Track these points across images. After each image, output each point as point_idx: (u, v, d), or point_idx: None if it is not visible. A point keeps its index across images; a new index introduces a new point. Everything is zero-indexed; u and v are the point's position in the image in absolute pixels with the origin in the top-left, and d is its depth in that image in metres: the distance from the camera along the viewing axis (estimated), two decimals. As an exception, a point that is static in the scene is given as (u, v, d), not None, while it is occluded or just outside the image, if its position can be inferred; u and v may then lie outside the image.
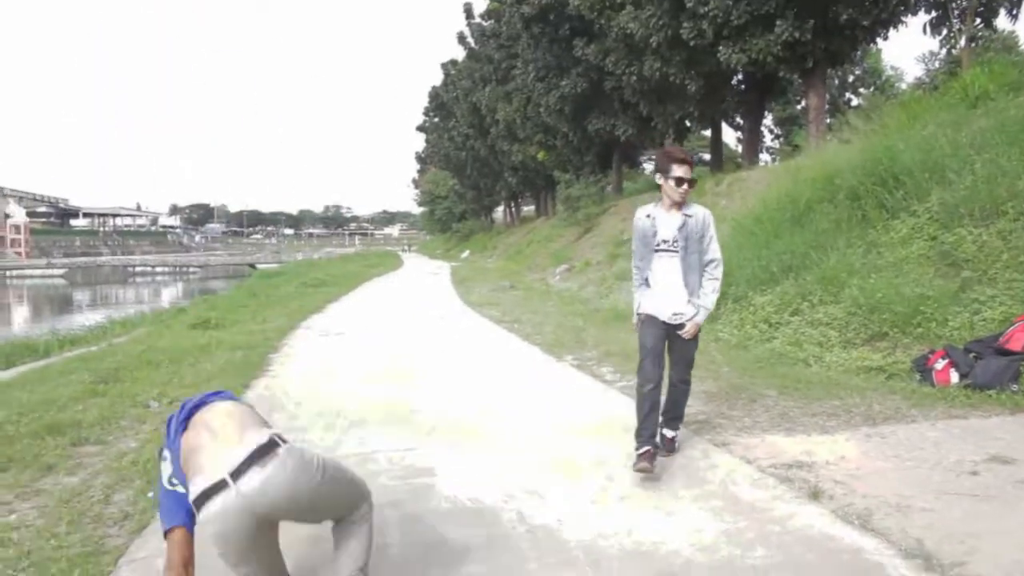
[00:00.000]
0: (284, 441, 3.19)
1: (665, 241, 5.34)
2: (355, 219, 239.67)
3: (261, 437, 3.15)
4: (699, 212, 5.40)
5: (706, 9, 19.21)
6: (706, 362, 8.83)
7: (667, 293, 5.37)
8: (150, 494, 4.21)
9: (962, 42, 16.25)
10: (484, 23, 46.10)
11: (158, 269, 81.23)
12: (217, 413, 3.33)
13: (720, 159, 27.87)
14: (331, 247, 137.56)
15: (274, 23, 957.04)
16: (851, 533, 4.18)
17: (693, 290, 5.37)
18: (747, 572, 3.78)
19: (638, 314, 5.51)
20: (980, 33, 16.78)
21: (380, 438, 6.30)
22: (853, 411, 6.59)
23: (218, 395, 3.53)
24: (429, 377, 8.99)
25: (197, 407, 3.40)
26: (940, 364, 7.15)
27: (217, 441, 3.16)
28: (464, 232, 69.05)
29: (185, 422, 3.34)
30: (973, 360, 7.01)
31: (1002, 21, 18.78)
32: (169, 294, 50.93)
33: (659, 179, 5.35)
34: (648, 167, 50.31)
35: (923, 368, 7.30)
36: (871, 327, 8.52)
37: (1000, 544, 3.92)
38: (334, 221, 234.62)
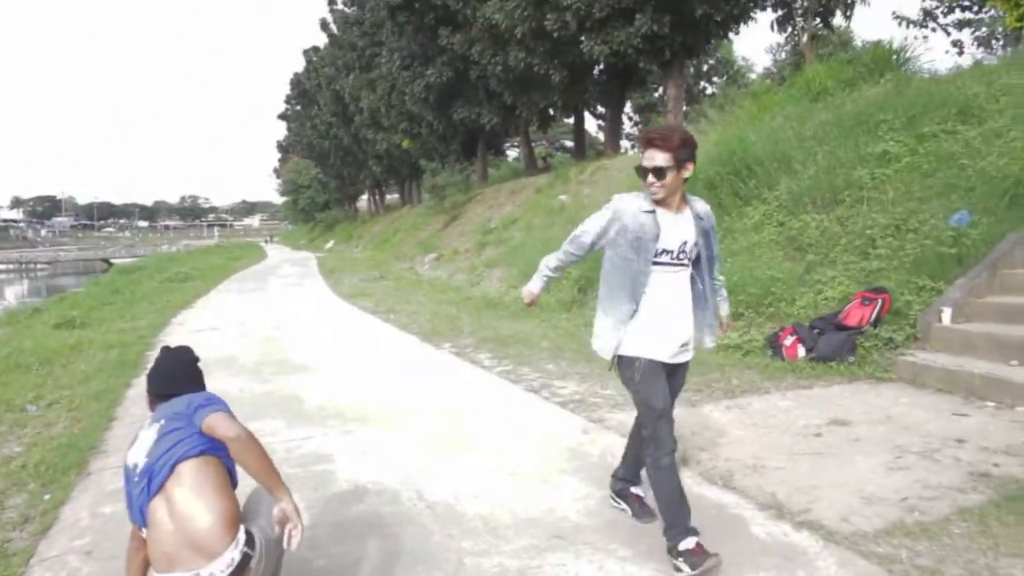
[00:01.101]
0: (253, 542, 2.96)
1: (668, 252, 3.73)
2: (213, 210, 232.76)
3: (234, 551, 2.85)
4: (703, 207, 3.95)
5: (569, 2, 19.84)
6: (576, 345, 9.34)
7: (672, 323, 3.84)
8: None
9: (804, 39, 17.40)
10: (347, 10, 45.70)
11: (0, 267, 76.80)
12: (182, 493, 2.88)
13: (583, 147, 28.68)
14: (189, 239, 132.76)
15: (128, 3, 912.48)
16: (716, 491, 4.69)
17: (708, 313, 4.06)
18: (629, 530, 4.22)
19: (624, 357, 3.85)
20: (819, 31, 17.99)
21: (274, 429, 6.45)
22: (714, 386, 7.19)
23: (208, 405, 3.11)
24: (312, 368, 9.12)
25: (180, 460, 2.93)
26: (789, 340, 7.85)
27: (184, 544, 2.82)
28: (328, 222, 68.21)
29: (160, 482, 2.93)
30: (817, 336, 7.74)
31: (842, 19, 20.17)
32: (15, 293, 48.25)
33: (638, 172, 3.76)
34: (512, 154, 51.04)
35: (775, 344, 7.99)
36: (730, 308, 9.18)
37: (837, 492, 4.54)
38: (191, 212, 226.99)
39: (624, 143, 44.67)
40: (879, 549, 3.81)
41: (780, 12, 17.78)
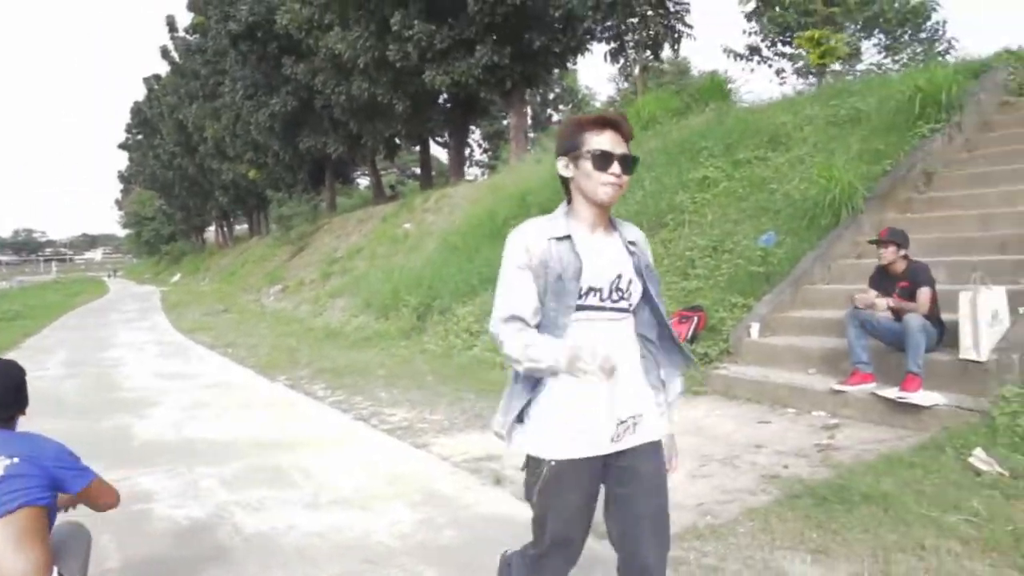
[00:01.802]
0: None
1: (597, 291, 2.49)
2: (51, 244, 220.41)
3: None
4: (636, 232, 2.69)
5: (411, 33, 20.10)
6: (411, 373, 9.41)
7: (607, 392, 2.47)
8: None
9: (636, 70, 18.19)
10: (189, 37, 44.49)
11: None
12: (4, 541, 2.77)
13: (430, 176, 28.90)
14: (24, 276, 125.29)
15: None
16: (526, 509, 4.81)
17: (652, 374, 2.66)
18: (438, 551, 4.30)
19: (535, 459, 2.56)
20: (650, 63, 18.83)
21: (98, 471, 6.21)
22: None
23: (85, 474, 3.17)
24: (143, 407, 8.82)
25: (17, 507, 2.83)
26: (612, 360, 8.15)
27: None
28: (175, 254, 65.92)
29: None
30: (639, 354, 8.07)
31: (670, 51, 21.15)
32: None
33: (564, 167, 2.53)
34: (363, 183, 50.65)
35: (600, 364, 8.28)
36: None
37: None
38: (26, 247, 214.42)
39: (475, 170, 45.29)
40: (671, 553, 4.03)
41: (613, 44, 18.50)
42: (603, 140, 2.46)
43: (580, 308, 2.47)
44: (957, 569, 3.69)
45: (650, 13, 17.15)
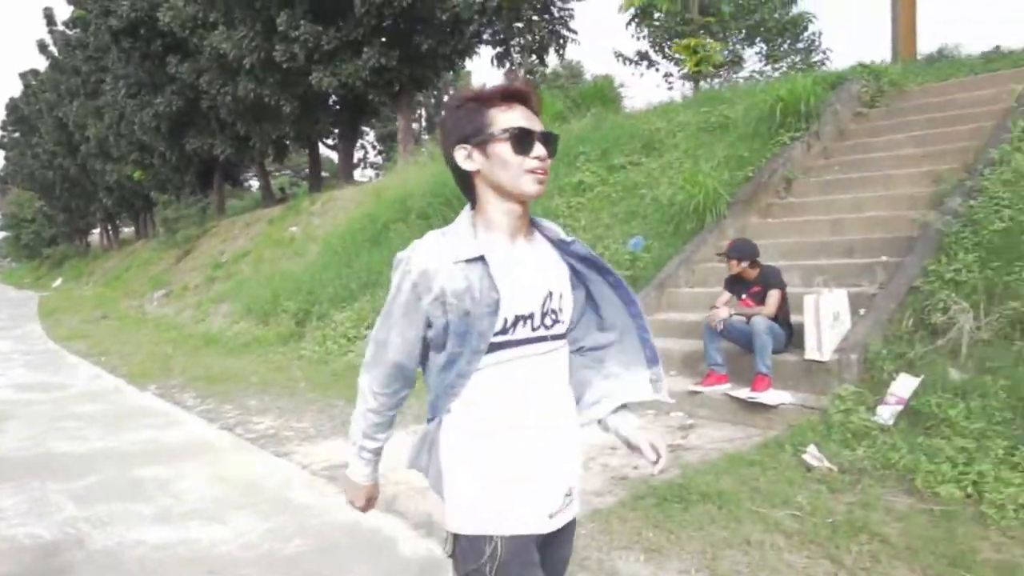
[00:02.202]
0: None
1: (527, 318, 1.95)
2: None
3: None
4: (557, 228, 2.10)
5: (297, 33, 19.82)
6: (284, 380, 9.31)
7: (552, 450, 2.01)
8: None
9: (521, 74, 18.36)
10: (69, 31, 42.74)
11: None
12: None
13: (319, 178, 28.55)
14: None
15: None
16: (376, 516, 4.84)
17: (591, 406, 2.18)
18: (284, 560, 4.30)
19: (475, 538, 1.95)
20: (535, 67, 19.05)
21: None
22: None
23: None
24: (4, 422, 8.48)
25: None
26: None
27: None
28: (56, 258, 63.22)
29: None
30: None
31: (555, 56, 21.42)
32: None
33: (465, 158, 1.95)
34: (256, 185, 49.63)
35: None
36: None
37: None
38: None
39: (370, 172, 44.97)
40: (509, 557, 4.12)
41: (499, 49, 18.66)
42: (516, 116, 1.92)
43: (500, 347, 1.91)
44: (777, 562, 3.87)
45: (535, 18, 17.36)
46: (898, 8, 14.61)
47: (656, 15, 18.91)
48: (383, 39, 20.10)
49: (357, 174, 42.28)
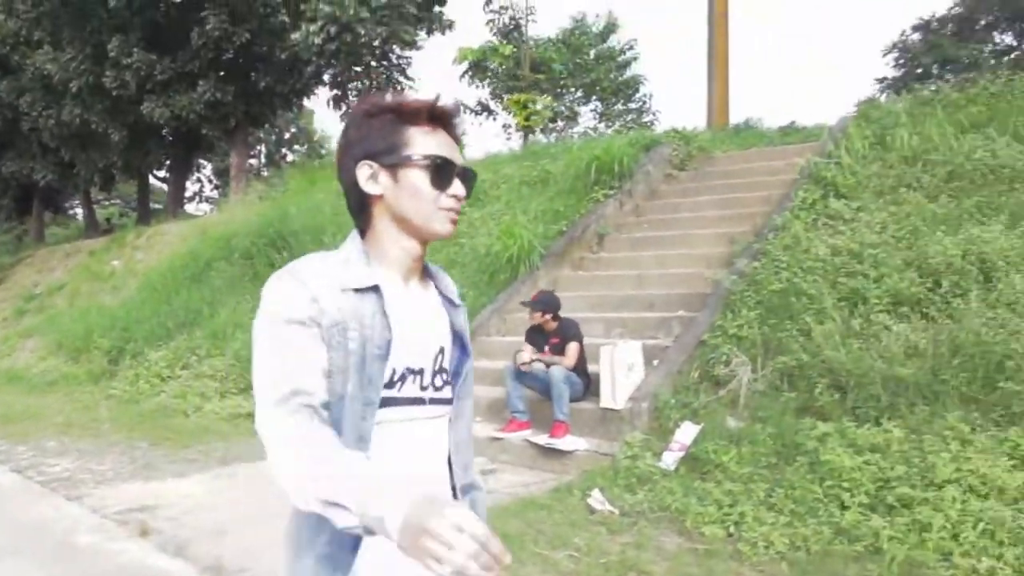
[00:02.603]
0: None
1: (415, 373, 1.62)
2: None
3: None
4: (452, 285, 1.89)
5: (130, 61, 19.28)
6: (89, 420, 9.01)
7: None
8: None
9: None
10: None
11: None
12: None
13: (147, 211, 27.56)
14: None
15: None
16: (166, 560, 4.85)
17: (473, 501, 1.78)
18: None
19: None
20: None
21: None
22: (211, 455, 7.33)
23: None
24: None
25: None
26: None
27: None
28: None
29: None
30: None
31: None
32: None
33: (368, 178, 1.59)
34: (78, 212, 47.29)
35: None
36: (247, 377, 9.37)
37: (279, 550, 4.86)
38: None
39: (205, 206, 43.73)
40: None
41: (336, 91, 18.80)
42: (439, 143, 1.61)
43: (388, 402, 1.56)
44: (547, 600, 4.13)
45: (373, 63, 17.59)
46: (713, 81, 15.70)
47: (489, 69, 19.51)
48: (220, 73, 19.84)
49: (192, 208, 41.14)
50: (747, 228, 8.75)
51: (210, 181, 48.85)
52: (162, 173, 34.49)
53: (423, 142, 1.57)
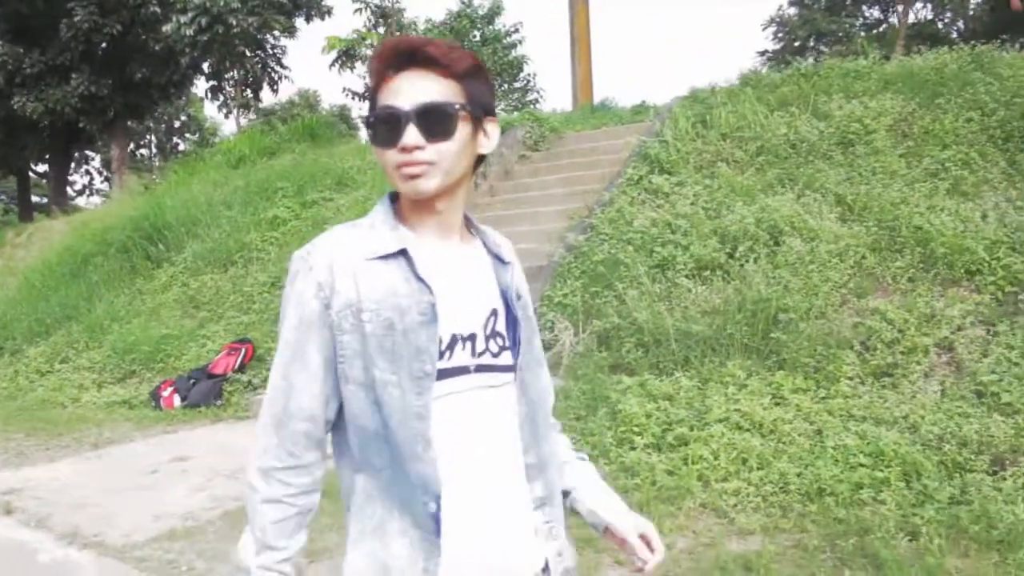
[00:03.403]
0: None
1: (467, 339, 1.47)
2: None
3: None
4: (503, 241, 1.67)
5: (-3, 54, 19.11)
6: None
7: (491, 519, 1.46)
8: None
9: (235, 108, 18.78)
10: None
11: None
12: None
13: (29, 207, 27.14)
14: None
15: None
16: (27, 532, 5.36)
17: (548, 481, 1.57)
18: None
19: None
20: (250, 101, 19.51)
21: None
22: (84, 441, 7.76)
23: None
24: None
25: None
26: (167, 392, 8.73)
27: None
28: None
29: None
30: (192, 385, 8.72)
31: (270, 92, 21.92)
32: None
33: (371, 144, 1.51)
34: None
35: (156, 397, 8.81)
36: (124, 367, 9.80)
37: (136, 516, 5.46)
38: None
39: (96, 199, 42.89)
40: (140, 552, 4.80)
41: (213, 82, 18.98)
42: (393, 90, 1.42)
43: (444, 373, 1.43)
44: None
45: (247, 53, 17.83)
46: (576, 61, 16.44)
47: (359, 56, 19.91)
48: (93, 65, 19.78)
49: (82, 201, 40.38)
50: (584, 204, 9.50)
51: (100, 173, 47.92)
52: (43, 168, 33.92)
53: (381, 97, 1.44)
